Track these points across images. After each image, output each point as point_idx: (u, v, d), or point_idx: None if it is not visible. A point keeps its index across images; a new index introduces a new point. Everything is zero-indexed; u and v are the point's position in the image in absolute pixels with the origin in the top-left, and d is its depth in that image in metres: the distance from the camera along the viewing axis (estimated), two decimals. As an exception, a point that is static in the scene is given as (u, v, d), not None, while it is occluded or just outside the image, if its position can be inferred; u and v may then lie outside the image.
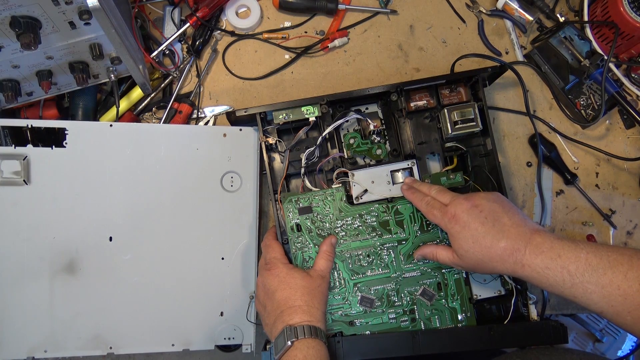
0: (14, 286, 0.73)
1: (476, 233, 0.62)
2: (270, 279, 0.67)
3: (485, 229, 0.62)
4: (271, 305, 0.66)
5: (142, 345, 0.74)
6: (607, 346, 1.08)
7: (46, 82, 0.72)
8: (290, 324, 0.63)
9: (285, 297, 0.65)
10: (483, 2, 0.90)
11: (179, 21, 0.86)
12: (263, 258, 0.72)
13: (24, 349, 0.72)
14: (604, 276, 0.56)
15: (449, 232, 0.65)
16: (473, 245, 0.63)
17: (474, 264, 0.64)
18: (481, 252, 0.62)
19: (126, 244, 0.75)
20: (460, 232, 0.64)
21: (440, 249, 0.69)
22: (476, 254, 0.63)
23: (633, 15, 0.80)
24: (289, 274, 0.67)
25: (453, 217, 0.65)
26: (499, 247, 0.61)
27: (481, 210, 0.63)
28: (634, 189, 0.87)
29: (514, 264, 0.61)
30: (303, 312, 0.64)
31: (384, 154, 0.77)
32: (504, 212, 0.63)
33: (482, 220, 0.63)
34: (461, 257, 0.65)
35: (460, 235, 0.64)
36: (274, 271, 0.68)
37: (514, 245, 0.61)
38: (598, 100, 0.85)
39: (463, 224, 0.64)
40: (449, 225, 0.65)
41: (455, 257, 0.66)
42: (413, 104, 0.78)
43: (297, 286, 0.66)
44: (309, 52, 0.88)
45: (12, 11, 0.61)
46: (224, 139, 0.79)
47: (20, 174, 0.73)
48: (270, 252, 0.71)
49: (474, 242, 0.63)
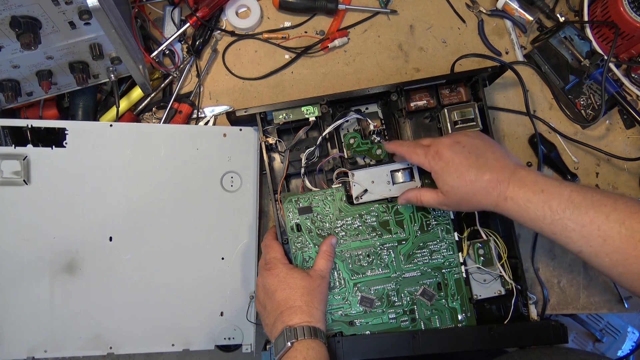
0: (14, 286, 0.73)
1: (460, 167, 0.62)
2: (270, 279, 0.67)
3: (469, 162, 0.62)
4: (271, 306, 0.66)
5: (142, 345, 0.74)
6: (607, 346, 1.08)
7: (46, 82, 0.72)
8: (290, 325, 0.63)
9: (285, 298, 0.65)
10: (483, 2, 0.90)
11: (179, 21, 0.86)
12: (263, 258, 0.72)
13: (24, 349, 0.72)
14: (585, 215, 0.55)
15: (433, 170, 0.65)
16: (457, 180, 0.62)
17: (459, 200, 0.63)
18: (466, 186, 0.62)
19: (126, 244, 0.75)
20: (444, 167, 0.63)
21: (424, 191, 0.68)
22: (461, 189, 0.62)
23: (633, 15, 0.80)
24: (289, 274, 0.67)
25: (436, 154, 0.64)
26: (484, 179, 0.61)
27: (464, 146, 0.64)
28: (634, 189, 0.87)
29: (497, 197, 0.60)
30: (303, 313, 0.64)
31: (384, 154, 0.77)
32: (486, 147, 0.64)
33: (466, 154, 0.63)
34: (446, 194, 0.64)
35: (445, 171, 0.63)
36: (274, 271, 0.68)
37: (498, 177, 0.60)
38: (598, 100, 0.85)
39: (447, 159, 0.63)
40: (432, 162, 0.65)
41: (440, 196, 0.65)
42: (413, 104, 0.78)
43: (297, 286, 0.66)
44: (309, 52, 0.88)
45: (12, 11, 0.61)
46: (224, 139, 0.79)
47: (20, 174, 0.73)
48: (270, 252, 0.71)
49: (458, 177, 0.62)
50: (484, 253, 0.74)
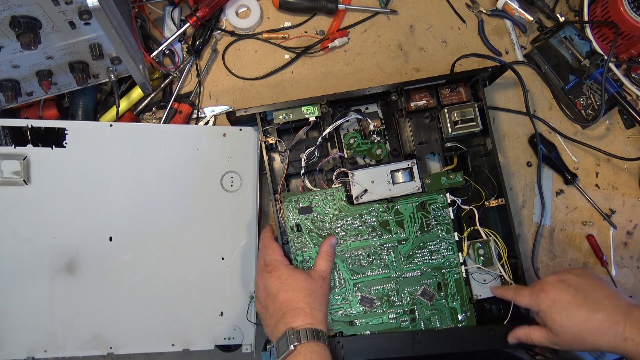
0: (14, 286, 0.73)
1: (568, 306, 0.61)
2: (272, 281, 0.67)
3: (576, 301, 0.61)
4: (273, 307, 0.66)
5: (142, 345, 0.74)
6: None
7: (46, 82, 0.72)
8: (293, 327, 0.62)
9: (288, 299, 0.65)
10: (483, 2, 0.90)
11: (179, 21, 0.86)
12: (262, 259, 0.71)
13: (24, 349, 0.72)
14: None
15: (541, 310, 0.64)
16: (567, 320, 0.61)
17: (571, 340, 0.62)
18: (577, 326, 0.61)
19: (126, 244, 0.75)
20: (551, 306, 0.62)
21: (533, 329, 0.66)
22: (572, 328, 0.61)
23: (633, 15, 0.80)
24: (290, 275, 0.67)
25: (541, 291, 0.64)
26: (596, 319, 0.60)
27: (569, 284, 0.63)
28: (634, 189, 0.87)
29: (615, 337, 0.59)
30: (305, 315, 0.63)
31: (384, 154, 0.77)
32: (593, 285, 0.63)
33: (572, 293, 0.62)
34: (557, 334, 0.63)
35: (553, 310, 0.62)
36: (275, 273, 0.67)
37: (612, 317, 0.59)
38: (598, 100, 0.85)
39: (553, 298, 0.63)
40: (539, 301, 0.64)
41: (550, 335, 0.64)
42: (413, 103, 0.78)
43: (299, 288, 0.66)
44: (309, 52, 0.88)
45: (12, 11, 0.61)
46: (224, 139, 0.79)
47: (20, 174, 0.73)
48: (270, 253, 0.70)
49: (568, 316, 0.61)
50: (484, 253, 0.74)
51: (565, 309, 0.62)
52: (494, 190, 0.76)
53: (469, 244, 0.75)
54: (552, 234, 0.85)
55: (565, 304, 0.62)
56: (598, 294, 0.62)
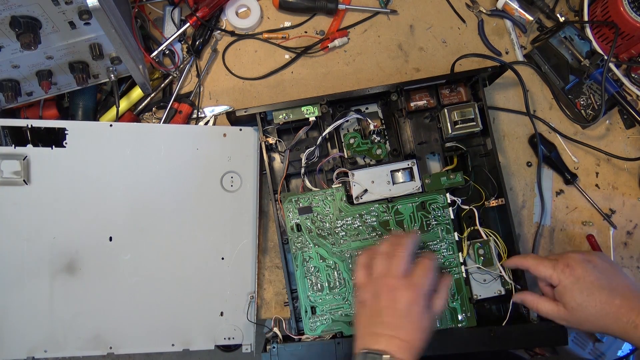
0: (14, 286, 0.73)
1: (591, 286, 0.62)
2: (413, 301, 0.62)
3: (600, 283, 0.62)
4: (388, 317, 0.61)
5: (142, 345, 0.74)
6: (607, 346, 1.08)
7: (46, 82, 0.72)
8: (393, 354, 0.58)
9: (403, 326, 0.61)
10: (483, 2, 0.90)
11: (179, 21, 0.86)
12: (418, 274, 0.64)
13: (24, 349, 0.72)
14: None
15: (562, 284, 0.64)
16: (587, 299, 0.62)
17: (584, 319, 0.63)
18: (595, 307, 0.62)
19: (126, 244, 0.75)
20: (574, 283, 0.63)
21: (543, 300, 0.67)
22: (589, 308, 0.62)
23: (633, 15, 0.80)
24: (424, 312, 0.62)
25: (567, 267, 0.64)
26: (614, 303, 0.61)
27: (595, 265, 0.64)
28: (634, 189, 0.87)
29: (627, 324, 0.60)
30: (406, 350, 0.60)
31: (384, 153, 0.77)
32: (616, 272, 0.64)
33: (597, 275, 0.63)
34: (571, 310, 0.63)
35: (575, 287, 0.63)
36: (419, 299, 0.62)
37: (630, 304, 0.61)
38: (598, 100, 0.85)
39: (578, 275, 0.63)
40: (562, 275, 0.64)
41: (561, 310, 0.64)
42: (413, 103, 0.78)
43: (421, 326, 0.62)
44: (309, 52, 0.88)
45: (12, 11, 0.61)
46: (224, 139, 0.79)
47: (20, 174, 0.73)
48: (429, 277, 0.64)
49: (589, 295, 0.62)
50: (484, 253, 0.74)
51: (587, 289, 0.62)
52: (494, 190, 0.76)
53: (469, 244, 0.75)
54: (552, 234, 0.85)
55: (589, 284, 0.62)
56: (619, 280, 0.63)
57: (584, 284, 0.63)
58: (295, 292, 0.75)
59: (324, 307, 0.73)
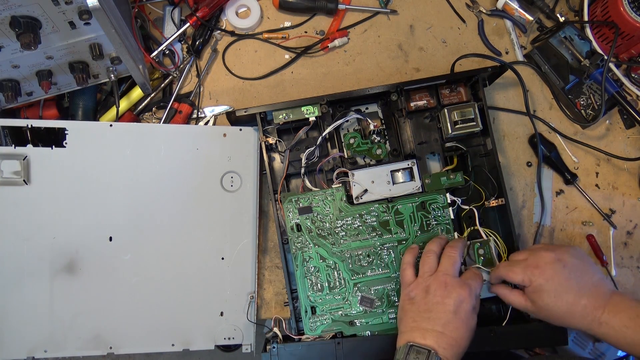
0: (14, 286, 0.73)
1: (559, 288, 0.63)
2: (463, 297, 0.64)
3: (569, 284, 0.63)
4: (438, 313, 0.63)
5: (142, 345, 0.74)
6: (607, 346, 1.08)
7: (46, 82, 0.72)
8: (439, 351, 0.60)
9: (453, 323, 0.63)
10: (483, 2, 0.90)
11: (179, 21, 0.86)
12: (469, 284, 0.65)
13: (24, 349, 0.72)
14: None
15: (531, 284, 0.65)
16: (555, 300, 0.63)
17: (551, 316, 0.65)
18: (562, 308, 0.63)
19: (126, 244, 0.75)
20: (543, 285, 0.64)
21: (515, 294, 0.68)
22: (556, 309, 0.63)
23: (633, 15, 0.80)
24: (472, 312, 0.65)
25: (536, 268, 0.64)
26: (580, 304, 0.62)
27: (565, 265, 0.64)
28: (634, 189, 0.87)
29: (592, 322, 0.62)
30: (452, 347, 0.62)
31: (384, 153, 0.77)
32: (585, 269, 0.65)
33: (567, 275, 0.64)
34: (539, 309, 0.65)
35: (543, 289, 0.64)
36: (468, 297, 0.64)
37: (595, 303, 0.62)
38: (598, 100, 0.85)
39: (547, 277, 0.64)
40: (532, 277, 0.64)
41: (529, 306, 0.66)
42: (413, 103, 0.78)
43: (468, 327, 0.64)
44: (309, 52, 0.88)
45: (12, 11, 0.61)
46: (224, 139, 0.79)
47: (20, 174, 0.73)
48: (479, 280, 0.67)
49: (556, 297, 0.63)
50: (484, 253, 0.74)
51: (555, 290, 0.63)
52: (494, 190, 0.76)
53: (469, 243, 0.75)
54: (552, 234, 0.85)
55: (557, 285, 0.63)
56: (587, 279, 0.64)
57: (552, 285, 0.63)
58: (295, 292, 0.75)
59: (324, 307, 0.73)
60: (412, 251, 0.71)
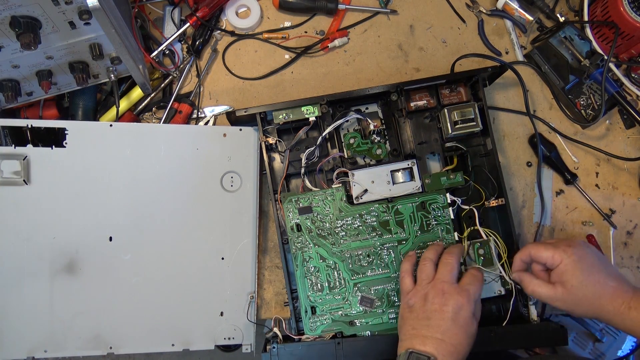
0: (14, 286, 0.73)
1: (592, 267, 0.64)
2: (462, 304, 0.64)
3: (600, 265, 0.65)
4: (437, 320, 0.63)
5: (142, 345, 0.74)
6: (607, 346, 1.08)
7: (46, 82, 0.72)
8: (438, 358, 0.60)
9: (453, 330, 0.63)
10: (483, 2, 0.90)
11: (179, 21, 0.86)
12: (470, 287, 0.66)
13: (24, 349, 0.72)
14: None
15: (563, 262, 0.65)
16: (588, 278, 0.64)
17: (581, 298, 0.64)
18: (593, 286, 0.64)
19: (126, 244, 0.75)
20: (576, 262, 0.64)
21: (538, 283, 0.67)
22: (588, 287, 0.64)
23: (633, 15, 0.80)
24: (472, 318, 0.65)
25: (569, 247, 0.66)
26: (611, 285, 0.64)
27: (593, 251, 0.67)
28: (634, 189, 0.87)
29: (622, 305, 0.63)
30: (453, 357, 0.61)
31: (384, 153, 0.77)
32: (608, 261, 0.69)
33: (597, 258, 0.66)
34: (570, 289, 0.64)
35: (577, 266, 0.64)
36: (467, 303, 0.64)
37: (623, 288, 0.63)
38: (598, 100, 0.85)
39: (580, 255, 0.65)
40: (564, 255, 0.65)
41: (558, 291, 0.65)
42: (413, 103, 0.78)
43: (469, 334, 0.64)
44: (309, 52, 0.88)
45: (12, 11, 0.61)
46: (224, 139, 0.79)
47: (20, 174, 0.73)
48: (478, 285, 0.67)
49: (589, 275, 0.64)
50: (484, 253, 0.74)
51: (588, 268, 0.64)
52: (494, 190, 0.76)
53: (469, 243, 0.75)
54: (552, 234, 0.85)
55: (589, 264, 0.64)
56: (611, 270, 0.66)
57: (585, 263, 0.64)
58: (295, 292, 0.75)
59: (324, 307, 0.73)
60: (410, 259, 0.71)
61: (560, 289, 0.65)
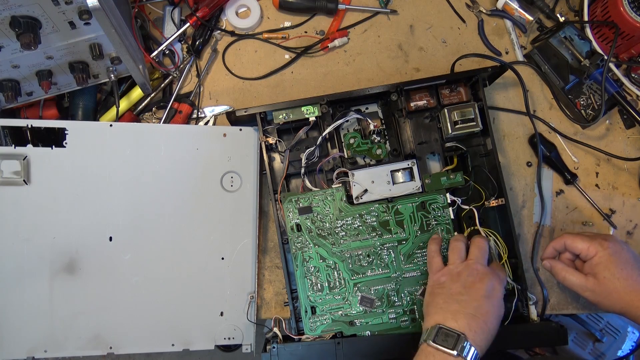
0: (14, 286, 0.73)
1: (626, 262, 0.67)
2: (496, 284, 0.66)
3: (635, 261, 0.68)
4: (470, 295, 0.64)
5: (142, 345, 0.74)
6: (607, 346, 1.08)
7: (46, 82, 0.72)
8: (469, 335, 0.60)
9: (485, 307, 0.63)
10: (483, 2, 0.90)
11: (179, 21, 0.86)
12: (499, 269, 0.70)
13: (24, 349, 0.72)
14: None
15: (598, 254, 0.68)
16: (620, 272, 0.66)
17: (612, 290, 0.67)
18: (626, 281, 0.66)
19: (126, 244, 0.75)
20: (612, 255, 0.67)
21: (572, 272, 0.71)
22: (621, 281, 0.66)
23: (633, 15, 0.80)
24: (503, 305, 0.67)
25: (605, 241, 0.68)
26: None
27: (628, 249, 0.69)
28: (634, 189, 0.87)
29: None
30: (482, 333, 0.62)
31: (384, 153, 0.77)
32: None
33: (631, 254, 0.68)
34: (602, 280, 0.67)
35: (612, 259, 0.67)
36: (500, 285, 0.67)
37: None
38: (598, 100, 0.85)
39: (616, 249, 0.68)
40: (599, 247, 0.68)
41: (590, 281, 0.68)
42: (413, 103, 0.78)
43: (498, 315, 0.65)
44: (309, 52, 0.88)
45: (12, 11, 0.61)
46: (224, 139, 0.79)
47: (20, 174, 0.73)
48: (505, 278, 0.70)
49: (622, 269, 0.66)
50: (484, 253, 0.74)
51: (622, 263, 0.67)
52: (494, 190, 0.76)
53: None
54: (552, 234, 0.85)
55: (624, 260, 0.67)
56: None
57: (620, 258, 0.67)
58: (295, 292, 0.75)
59: (324, 307, 0.73)
60: (437, 240, 0.72)
61: (592, 280, 0.67)
